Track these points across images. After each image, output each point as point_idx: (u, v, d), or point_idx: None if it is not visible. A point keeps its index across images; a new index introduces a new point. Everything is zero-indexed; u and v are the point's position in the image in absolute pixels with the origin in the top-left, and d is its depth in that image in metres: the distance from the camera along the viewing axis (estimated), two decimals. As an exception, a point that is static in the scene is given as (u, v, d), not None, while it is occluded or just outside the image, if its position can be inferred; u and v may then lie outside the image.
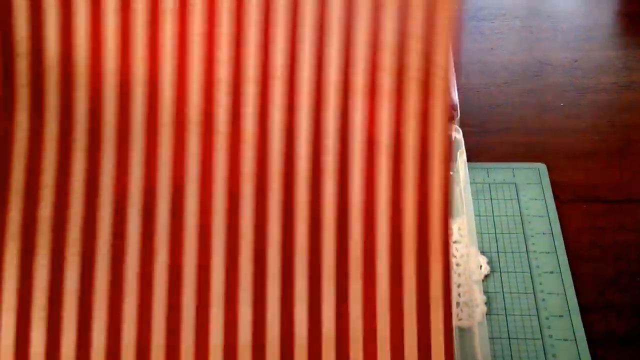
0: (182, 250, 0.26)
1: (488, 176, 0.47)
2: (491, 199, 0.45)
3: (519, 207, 0.44)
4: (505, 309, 0.38)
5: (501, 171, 0.47)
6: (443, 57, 0.26)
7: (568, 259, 0.40)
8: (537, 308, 0.38)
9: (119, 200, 0.26)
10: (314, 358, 0.26)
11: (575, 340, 0.36)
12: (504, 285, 0.39)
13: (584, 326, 0.36)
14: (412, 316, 0.26)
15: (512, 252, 0.41)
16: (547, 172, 0.47)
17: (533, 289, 0.39)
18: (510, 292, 0.39)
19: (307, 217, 0.26)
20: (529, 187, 0.46)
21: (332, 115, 0.27)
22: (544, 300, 0.38)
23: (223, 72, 0.26)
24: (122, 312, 0.26)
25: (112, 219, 0.26)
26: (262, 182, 0.26)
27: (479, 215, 0.44)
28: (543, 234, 0.42)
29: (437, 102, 0.26)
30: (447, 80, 0.26)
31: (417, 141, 0.26)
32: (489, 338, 0.36)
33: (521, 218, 0.43)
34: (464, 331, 0.36)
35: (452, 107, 0.43)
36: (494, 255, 0.41)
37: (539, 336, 0.36)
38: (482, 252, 0.41)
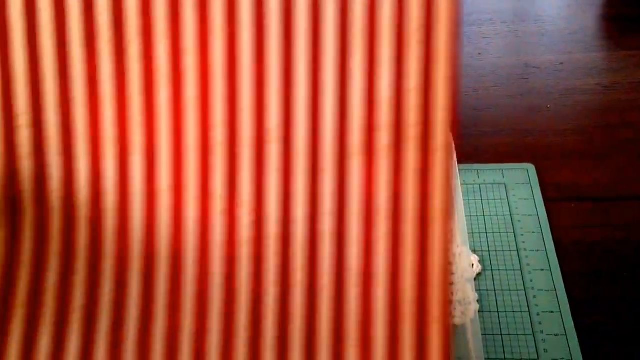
0: (180, 315, 0.26)
1: (478, 177, 0.47)
2: (481, 199, 0.46)
3: (509, 207, 0.45)
4: (497, 306, 0.38)
5: (491, 172, 0.48)
6: (443, 111, 0.25)
7: (557, 257, 0.41)
8: (528, 305, 0.38)
9: (120, 267, 0.26)
10: None
11: (566, 335, 0.36)
12: (495, 283, 0.40)
13: (574, 321, 0.37)
14: None
15: (503, 250, 0.42)
16: (535, 173, 0.47)
17: (524, 286, 0.39)
18: (502, 290, 0.39)
19: (303, 283, 0.26)
20: (518, 187, 0.46)
21: (328, 177, 0.26)
22: (534, 297, 0.39)
23: (218, 135, 0.26)
24: None
25: (113, 285, 0.26)
26: (258, 247, 0.26)
27: (470, 216, 0.44)
28: (533, 232, 0.43)
29: (438, 159, 0.25)
30: (448, 136, 0.25)
31: (417, 201, 0.25)
32: (482, 335, 0.37)
33: (511, 217, 0.44)
34: (457, 328, 0.36)
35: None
36: (485, 254, 0.42)
37: (531, 332, 0.37)
38: (474, 251, 0.42)
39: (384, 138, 0.25)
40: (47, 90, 0.26)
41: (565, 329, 0.37)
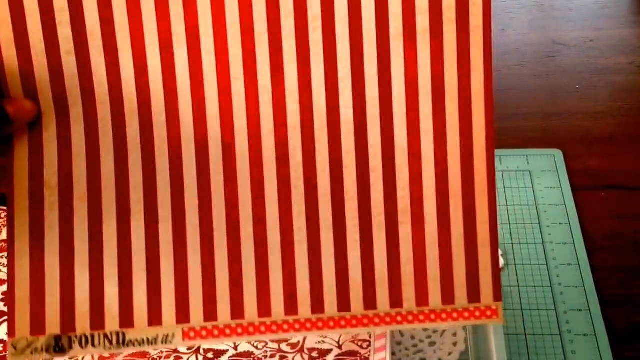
0: (237, 206, 0.28)
1: (501, 164, 0.45)
2: (504, 187, 0.44)
3: (534, 196, 0.43)
4: (521, 303, 0.37)
5: (515, 158, 0.45)
6: None
7: (587, 250, 0.39)
8: (554, 302, 0.36)
9: (173, 156, 0.28)
10: (369, 301, 0.28)
11: (596, 335, 0.35)
12: (519, 278, 0.38)
13: (604, 320, 0.35)
14: (461, 257, 0.27)
15: (528, 243, 0.40)
16: (563, 159, 0.45)
17: (550, 281, 0.38)
18: (527, 286, 0.38)
19: (355, 166, 0.28)
20: (544, 174, 0.44)
21: (370, 62, 0.28)
22: (561, 293, 0.37)
23: (261, 24, 0.28)
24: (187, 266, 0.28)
25: (169, 174, 0.28)
26: (308, 132, 0.28)
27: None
28: (560, 224, 0.41)
29: (476, 41, 0.28)
30: (484, 18, 0.28)
31: (458, 82, 0.28)
32: (505, 334, 0.35)
33: (536, 207, 0.42)
34: (478, 327, 0.34)
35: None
36: (509, 247, 0.40)
37: (557, 331, 0.35)
38: (496, 244, 0.40)
39: (422, 21, 0.27)
40: None
41: (594, 329, 0.35)
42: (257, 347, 0.31)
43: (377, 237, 0.28)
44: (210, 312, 0.28)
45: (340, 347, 0.30)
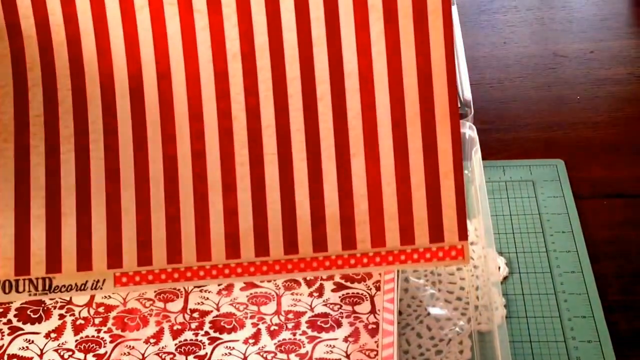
0: (174, 140, 0.25)
1: (504, 174, 0.45)
2: (508, 197, 0.44)
3: (537, 205, 0.43)
4: (525, 311, 0.37)
5: (518, 169, 0.46)
6: None
7: (589, 258, 0.39)
8: (558, 309, 0.37)
9: (105, 89, 0.26)
10: (318, 242, 0.25)
11: (600, 342, 0.35)
12: (523, 286, 0.38)
13: (608, 327, 0.35)
14: (421, 191, 0.24)
15: (532, 252, 0.40)
16: (565, 168, 0.45)
17: (554, 289, 0.38)
18: (531, 294, 0.38)
19: (300, 94, 0.25)
20: (547, 184, 0.44)
21: None
22: (565, 301, 0.37)
23: None
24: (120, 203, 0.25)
25: (101, 109, 0.25)
26: (249, 60, 0.25)
27: (496, 215, 0.42)
28: (563, 232, 0.41)
29: None
30: None
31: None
32: (510, 342, 0.35)
33: (540, 216, 0.42)
34: (483, 335, 0.35)
35: (466, 104, 0.42)
36: (513, 255, 0.40)
37: (562, 338, 0.35)
38: (500, 253, 0.40)
39: None
40: None
41: (599, 335, 0.35)
42: (265, 358, 0.32)
43: (326, 171, 0.25)
44: (144, 256, 0.25)
45: (348, 356, 0.30)
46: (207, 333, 0.28)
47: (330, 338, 0.28)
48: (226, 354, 0.27)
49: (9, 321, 0.27)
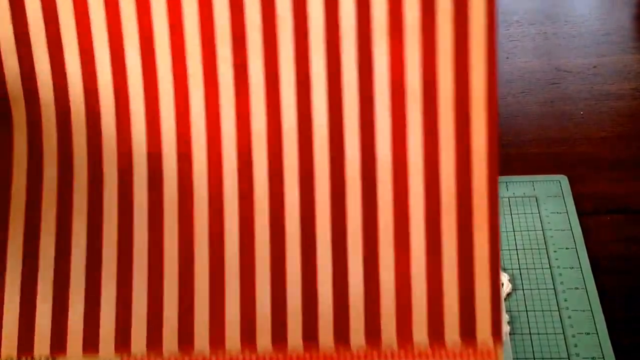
0: (192, 221, 0.24)
1: (507, 190, 0.45)
2: (511, 213, 0.44)
3: (541, 222, 0.43)
4: (529, 327, 0.37)
5: (521, 185, 0.46)
6: None
7: (593, 274, 0.39)
8: (562, 326, 0.37)
9: (123, 166, 0.24)
10: (340, 330, 0.23)
11: (604, 357, 0.35)
12: (527, 303, 0.38)
13: (612, 344, 0.35)
14: (453, 286, 0.23)
15: (535, 268, 0.40)
16: (568, 184, 0.46)
17: (558, 306, 0.38)
18: (534, 310, 0.38)
19: (329, 178, 0.23)
20: (550, 200, 0.44)
21: (350, 59, 0.23)
22: (569, 317, 0.37)
23: (223, 20, 0.23)
24: (132, 286, 0.24)
25: (116, 186, 0.24)
26: (275, 140, 0.23)
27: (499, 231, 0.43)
28: (566, 248, 0.41)
29: (477, 40, 0.22)
30: (488, 13, 0.22)
31: (455, 86, 0.23)
32: (514, 359, 0.35)
33: (543, 233, 0.42)
34: (487, 352, 0.35)
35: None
36: (516, 272, 0.40)
37: (566, 355, 0.35)
38: (504, 270, 0.40)
39: (412, 13, 0.22)
40: None
41: (602, 352, 0.35)
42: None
43: (352, 260, 0.23)
44: (154, 340, 0.24)
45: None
46: None
47: None
48: None
49: None
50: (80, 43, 0.24)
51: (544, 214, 0.44)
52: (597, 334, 0.36)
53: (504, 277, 0.39)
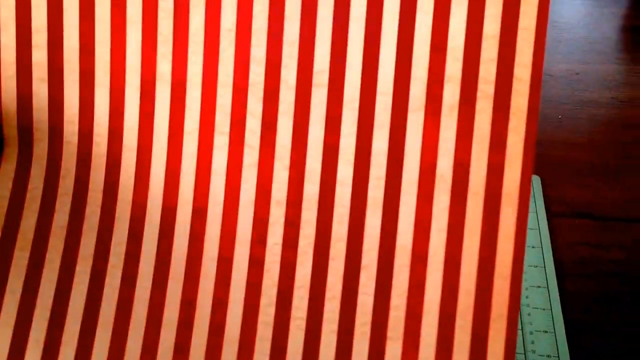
0: (197, 286, 0.23)
1: (480, 185, 0.46)
2: (482, 208, 0.44)
3: (510, 219, 0.43)
4: (489, 321, 0.37)
5: (494, 181, 0.46)
6: (526, 67, 0.20)
7: (556, 274, 0.39)
8: (521, 322, 0.37)
9: (136, 215, 0.23)
10: None
11: (559, 357, 0.35)
12: (489, 297, 0.38)
13: (568, 343, 0.36)
14: None
15: (500, 264, 0.40)
16: (540, 185, 0.46)
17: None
18: (495, 305, 0.38)
19: (344, 256, 0.22)
20: (522, 198, 0.45)
21: (381, 133, 0.22)
22: (529, 314, 0.37)
23: (257, 75, 0.22)
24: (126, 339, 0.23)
25: (126, 235, 0.23)
26: (294, 209, 0.22)
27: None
28: (532, 247, 0.41)
29: (517, 127, 0.21)
30: (530, 99, 0.20)
31: (487, 176, 0.21)
32: (471, 351, 0.36)
33: (511, 230, 0.42)
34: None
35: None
36: (481, 266, 0.40)
37: (522, 351, 0.36)
38: (469, 263, 0.40)
39: (449, 92, 0.21)
40: (67, 6, 0.23)
41: (558, 351, 0.35)
42: None
43: (357, 352, 0.22)
44: None
45: None
46: None
47: None
48: None
49: None
50: (112, 81, 0.23)
51: (514, 211, 0.44)
52: (555, 333, 0.36)
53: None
